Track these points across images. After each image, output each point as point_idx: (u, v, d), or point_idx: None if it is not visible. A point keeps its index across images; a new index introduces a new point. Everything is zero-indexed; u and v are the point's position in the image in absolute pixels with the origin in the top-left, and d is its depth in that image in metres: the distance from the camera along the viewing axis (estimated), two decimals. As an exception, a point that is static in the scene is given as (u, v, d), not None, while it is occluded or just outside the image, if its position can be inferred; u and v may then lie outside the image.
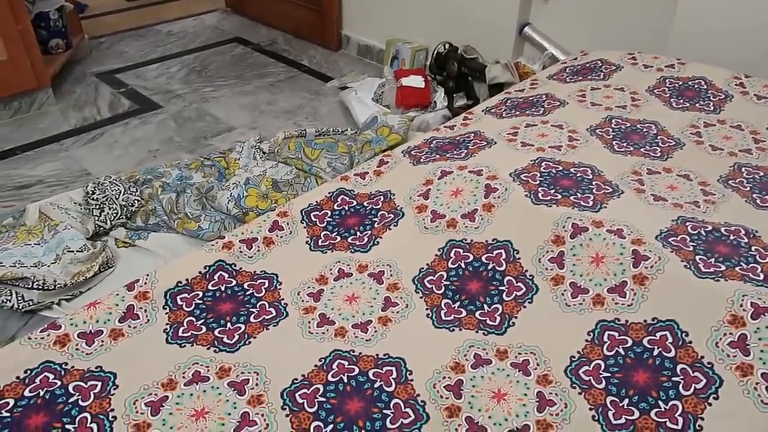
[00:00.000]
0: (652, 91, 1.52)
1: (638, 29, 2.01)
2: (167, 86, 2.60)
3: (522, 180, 1.14)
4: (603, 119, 1.39)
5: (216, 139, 2.22)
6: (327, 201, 1.19)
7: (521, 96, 1.55)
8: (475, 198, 1.11)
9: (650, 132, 1.35)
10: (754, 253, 0.97)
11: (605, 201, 1.09)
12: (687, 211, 1.08)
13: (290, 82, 2.68)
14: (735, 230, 1.03)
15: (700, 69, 1.58)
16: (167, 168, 1.95)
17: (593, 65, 1.67)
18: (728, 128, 1.37)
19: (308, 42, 3.09)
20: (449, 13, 2.50)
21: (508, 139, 1.30)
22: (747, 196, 1.14)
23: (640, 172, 1.20)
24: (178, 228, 1.68)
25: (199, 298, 0.98)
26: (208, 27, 3.28)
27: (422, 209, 1.13)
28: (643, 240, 0.99)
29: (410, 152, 1.31)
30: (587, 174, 1.17)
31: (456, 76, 2.36)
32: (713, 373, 0.83)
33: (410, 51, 2.57)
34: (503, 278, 1.00)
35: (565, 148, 1.27)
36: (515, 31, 2.31)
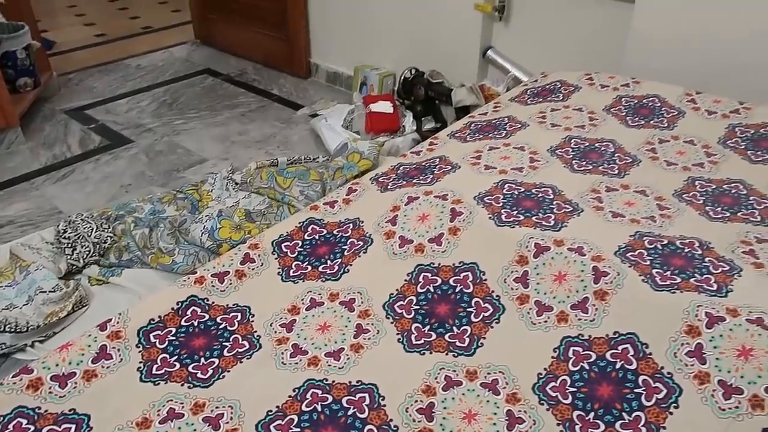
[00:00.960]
0: (609, 110, 1.58)
1: (596, 48, 2.09)
2: (138, 120, 2.61)
3: (485, 203, 1.18)
4: (563, 139, 1.44)
5: (188, 171, 2.24)
6: (297, 231, 1.21)
7: (484, 119, 1.60)
8: (441, 222, 1.15)
9: (608, 150, 1.40)
10: (707, 264, 1.02)
11: (566, 220, 1.13)
12: (644, 226, 1.12)
13: (261, 112, 2.71)
14: (689, 243, 1.07)
15: (654, 87, 1.65)
16: (140, 203, 1.96)
17: (552, 87, 1.72)
18: (681, 143, 1.43)
19: (278, 71, 3.13)
20: (414, 39, 2.56)
21: (472, 162, 1.34)
22: (700, 209, 1.19)
23: (598, 189, 1.24)
24: (151, 263, 1.68)
25: (173, 334, 0.99)
26: (177, 59, 3.31)
27: (390, 235, 1.16)
28: (602, 256, 1.03)
29: (378, 179, 1.34)
30: (548, 194, 1.21)
31: (423, 101, 2.42)
32: (673, 383, 0.87)
33: (378, 77, 2.63)
34: (471, 300, 1.03)
35: (527, 170, 1.31)
36: (479, 55, 2.38)
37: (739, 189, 1.26)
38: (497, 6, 2.25)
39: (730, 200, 1.22)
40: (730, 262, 1.02)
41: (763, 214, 1.18)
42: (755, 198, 1.23)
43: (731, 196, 1.24)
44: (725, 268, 1.01)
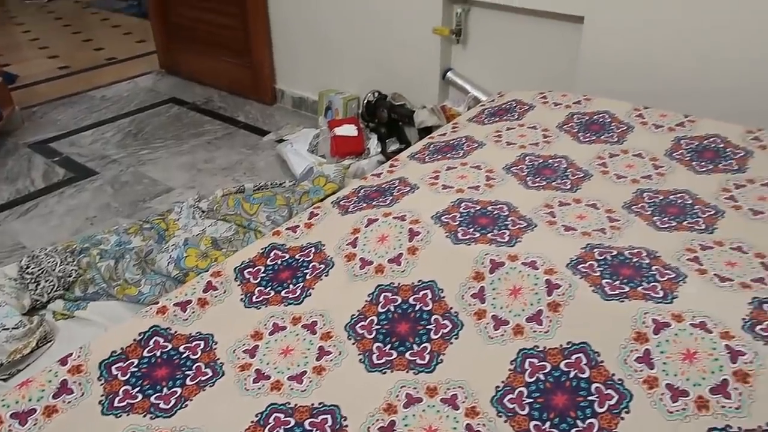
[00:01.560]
0: (561, 127, 1.63)
1: (550, 67, 2.16)
2: (103, 152, 2.61)
3: (443, 222, 1.21)
4: (517, 157, 1.49)
5: (154, 201, 2.24)
6: (260, 257, 1.22)
7: (443, 140, 1.64)
8: (400, 243, 1.17)
9: (561, 166, 1.45)
10: (654, 273, 1.06)
11: (520, 235, 1.17)
12: (594, 239, 1.17)
13: (227, 139, 2.73)
14: (637, 252, 1.12)
15: (604, 104, 1.71)
16: (105, 234, 1.95)
17: (508, 106, 1.78)
18: (630, 157, 1.49)
19: (243, 98, 3.16)
20: (377, 63, 2.61)
21: (430, 183, 1.38)
22: (648, 220, 1.24)
23: (551, 204, 1.29)
24: (117, 295, 1.68)
25: (135, 366, 0.99)
26: (142, 89, 3.31)
27: (351, 257, 1.18)
28: (554, 269, 1.06)
29: (339, 203, 1.37)
30: (503, 211, 1.25)
31: (387, 123, 2.46)
32: (624, 389, 0.90)
33: (342, 101, 2.67)
34: (430, 317, 1.05)
35: (483, 188, 1.35)
36: (439, 77, 2.44)
37: (684, 199, 1.31)
38: (454, 29, 2.32)
39: (676, 210, 1.28)
40: (676, 270, 1.07)
41: (707, 222, 1.23)
42: (700, 207, 1.28)
43: (677, 206, 1.29)
44: (671, 275, 1.05)
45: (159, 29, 3.47)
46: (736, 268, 1.08)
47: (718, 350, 0.90)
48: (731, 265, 1.09)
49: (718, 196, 1.33)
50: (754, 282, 1.04)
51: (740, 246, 1.15)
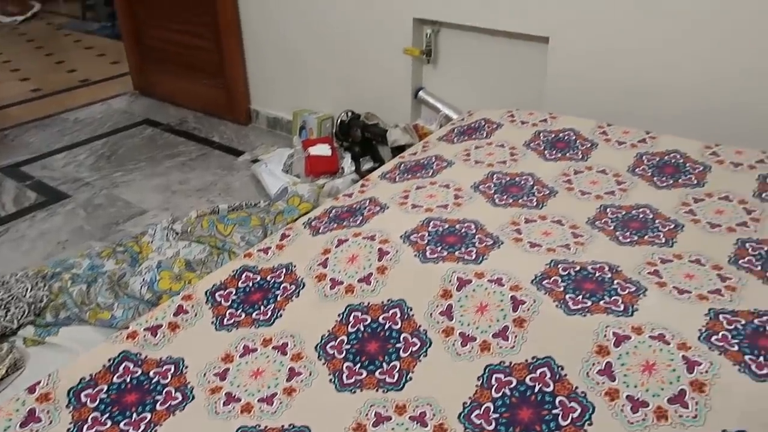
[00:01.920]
0: (528, 145, 1.67)
1: (519, 84, 2.21)
2: (75, 174, 2.59)
3: (411, 241, 1.23)
4: (485, 175, 1.52)
5: (128, 223, 2.23)
6: (231, 279, 1.23)
7: (414, 159, 1.67)
8: (370, 262, 1.19)
9: (527, 183, 1.49)
10: (615, 287, 1.09)
11: (487, 253, 1.19)
12: (559, 254, 1.20)
13: (202, 160, 2.73)
14: (600, 267, 1.15)
15: (569, 121, 1.76)
16: (77, 258, 1.94)
17: (477, 125, 1.82)
18: (595, 173, 1.53)
19: (218, 118, 3.17)
20: (350, 83, 2.65)
21: (400, 202, 1.41)
22: (611, 235, 1.28)
23: (518, 222, 1.32)
24: (90, 319, 1.67)
25: (104, 392, 0.99)
26: (116, 111, 3.30)
27: (322, 278, 1.20)
28: (520, 286, 1.09)
29: (310, 223, 1.38)
30: (471, 229, 1.28)
31: (360, 142, 2.49)
32: (587, 401, 0.92)
33: (316, 121, 2.69)
34: (399, 336, 1.07)
35: (452, 206, 1.38)
36: (410, 96, 2.48)
37: (646, 213, 1.36)
38: (424, 50, 2.36)
39: (638, 225, 1.32)
40: (637, 283, 1.10)
41: (667, 236, 1.27)
42: (660, 221, 1.33)
43: (639, 220, 1.33)
44: (632, 289, 1.09)
45: (132, 51, 3.47)
46: (694, 281, 1.12)
47: (676, 361, 0.93)
48: (689, 278, 1.13)
49: (678, 210, 1.37)
50: (710, 293, 1.08)
51: (698, 258, 1.19)
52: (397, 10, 2.35)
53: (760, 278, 1.13)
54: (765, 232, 1.28)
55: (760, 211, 1.34)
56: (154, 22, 3.25)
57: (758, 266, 1.16)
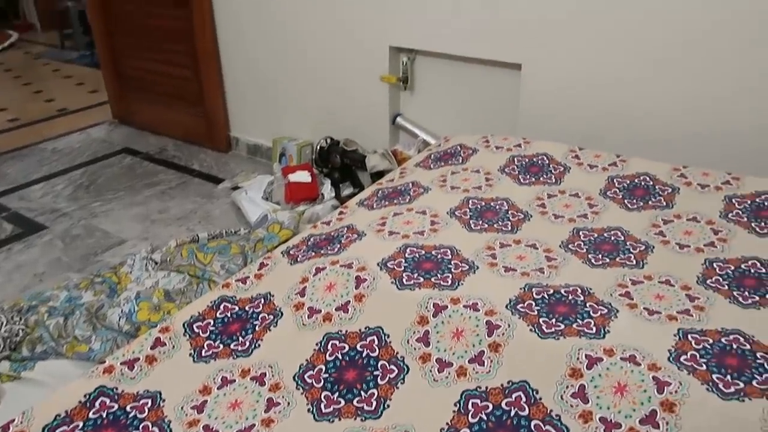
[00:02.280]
0: (503, 170, 1.71)
1: (494, 109, 2.26)
2: (53, 205, 2.58)
3: (388, 268, 1.25)
4: (461, 201, 1.55)
5: (106, 254, 2.22)
6: (209, 310, 1.23)
7: (391, 186, 1.69)
8: (347, 290, 1.20)
9: (502, 208, 1.52)
10: (588, 309, 1.12)
11: (462, 278, 1.21)
12: (533, 278, 1.22)
13: (181, 188, 2.73)
14: (573, 290, 1.17)
15: (543, 146, 1.80)
16: (55, 291, 1.92)
17: (453, 150, 1.85)
18: (568, 197, 1.57)
19: (198, 146, 3.18)
20: (328, 110, 2.68)
21: (377, 229, 1.42)
22: (583, 257, 1.31)
23: (493, 246, 1.34)
24: (67, 353, 1.65)
25: (80, 428, 0.98)
26: (95, 140, 3.30)
27: (300, 307, 1.20)
28: (495, 310, 1.11)
29: (289, 252, 1.39)
30: (447, 255, 1.30)
31: (340, 168, 2.52)
32: (561, 424, 0.94)
33: (296, 147, 2.72)
34: (377, 363, 1.08)
35: (428, 233, 1.40)
36: (389, 122, 2.52)
37: (617, 236, 1.39)
38: (401, 77, 2.41)
39: (609, 247, 1.35)
40: (608, 305, 1.13)
41: (638, 257, 1.30)
42: (631, 243, 1.36)
43: (611, 242, 1.36)
44: (603, 311, 1.11)
45: (111, 79, 3.48)
46: (664, 301, 1.15)
47: (647, 382, 0.95)
48: (659, 298, 1.16)
49: (648, 231, 1.41)
50: (679, 314, 1.11)
51: (668, 279, 1.22)
52: (373, 38, 2.39)
53: (727, 297, 1.16)
54: (732, 251, 1.31)
55: (727, 231, 1.38)
56: (132, 51, 3.27)
57: (725, 285, 1.19)
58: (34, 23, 6.18)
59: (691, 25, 1.75)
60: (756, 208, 1.45)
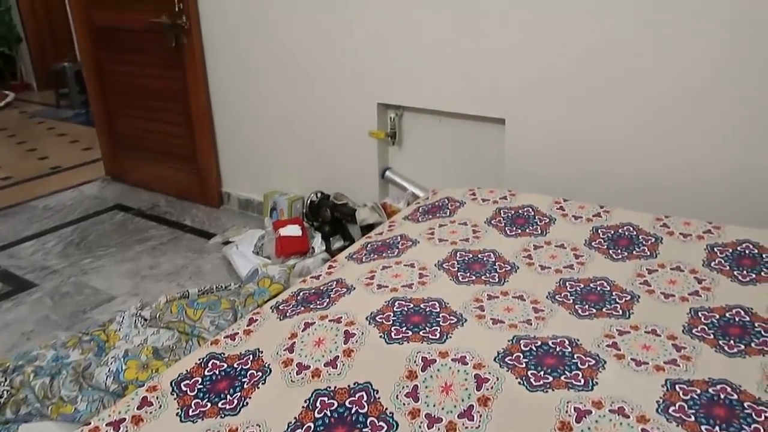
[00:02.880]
0: (489, 222, 1.74)
1: (481, 162, 2.31)
2: (43, 263, 2.57)
3: (377, 322, 1.25)
4: (449, 253, 1.57)
5: (95, 311, 2.20)
6: (197, 368, 1.22)
7: (380, 239, 1.71)
8: (336, 345, 1.20)
9: (489, 260, 1.53)
10: (576, 361, 1.12)
11: (450, 331, 1.22)
12: (521, 330, 1.23)
13: (173, 244, 2.74)
14: (560, 342, 1.18)
15: (528, 198, 1.84)
16: (42, 350, 1.90)
17: (441, 203, 1.88)
18: (554, 248, 1.59)
19: (190, 202, 3.21)
20: (319, 165, 2.73)
21: (366, 283, 1.43)
22: (570, 308, 1.32)
23: (481, 298, 1.35)
24: (52, 414, 1.62)
25: (63, 493, 0.96)
26: (87, 197, 3.32)
27: (288, 363, 1.20)
28: (483, 363, 1.11)
29: (278, 307, 1.40)
30: (435, 308, 1.31)
31: (330, 221, 2.54)
32: (552, 480, 0.93)
33: (287, 201, 2.75)
34: (366, 420, 1.07)
35: (416, 285, 1.41)
36: (378, 176, 2.56)
37: (603, 286, 1.41)
38: (389, 132, 2.47)
39: (595, 297, 1.36)
40: (596, 356, 1.13)
41: (624, 307, 1.32)
42: (617, 293, 1.37)
43: (597, 293, 1.38)
44: (591, 362, 1.12)
45: (105, 137, 3.53)
46: (651, 351, 1.15)
47: (636, 434, 0.94)
48: (647, 349, 1.16)
49: (633, 281, 1.43)
50: (666, 364, 1.11)
51: (654, 329, 1.23)
52: (361, 95, 2.46)
53: (713, 346, 1.17)
54: (716, 300, 1.33)
55: (710, 280, 1.40)
56: (126, 110, 3.33)
57: (711, 335, 1.21)
58: (31, 83, 6.31)
59: (671, 84, 1.82)
60: (738, 257, 1.47)
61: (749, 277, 1.40)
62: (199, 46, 2.85)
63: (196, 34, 2.83)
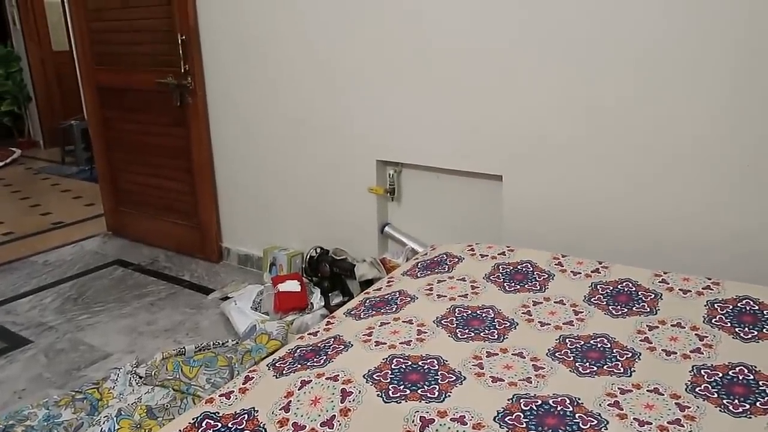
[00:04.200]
0: (488, 278, 1.73)
1: (480, 218, 2.33)
2: (40, 319, 2.55)
3: (374, 380, 1.23)
4: (447, 309, 1.56)
5: (90, 368, 2.17)
6: (190, 428, 1.20)
7: (378, 295, 1.70)
8: (332, 404, 1.18)
9: (488, 316, 1.52)
10: (577, 420, 1.10)
11: (449, 390, 1.20)
12: (521, 389, 1.21)
13: (171, 299, 2.72)
14: (561, 401, 1.16)
15: (527, 253, 1.84)
16: (33, 409, 1.86)
17: (440, 259, 1.89)
18: (553, 304, 1.58)
19: (190, 257, 3.21)
20: (318, 220, 2.75)
21: (364, 339, 1.42)
22: (571, 366, 1.30)
23: (480, 356, 1.34)
24: (40, 477, 1.57)
25: None
26: (87, 252, 3.33)
27: (284, 423, 1.17)
28: (482, 423, 1.09)
29: (275, 365, 1.38)
30: (434, 365, 1.29)
31: (330, 277, 2.53)
32: None
33: (286, 257, 2.75)
34: (363, 483, 1.04)
35: (415, 342, 1.40)
36: (377, 231, 2.57)
37: (603, 343, 1.39)
38: (388, 188, 2.50)
39: (596, 355, 1.34)
40: (598, 416, 1.11)
41: (625, 365, 1.30)
42: (618, 350, 1.36)
43: (597, 350, 1.36)
44: (593, 422, 1.09)
45: (108, 193, 3.57)
46: (654, 411, 1.13)
47: (641, 499, 0.91)
48: (649, 408, 1.14)
49: (634, 338, 1.41)
50: (670, 424, 1.09)
51: (657, 387, 1.21)
52: (361, 152, 2.51)
53: (717, 405, 1.15)
54: (718, 357, 1.31)
55: (712, 337, 1.38)
56: (129, 166, 3.39)
57: (714, 393, 1.18)
58: (38, 140, 6.43)
59: (671, 141, 1.86)
60: (738, 313, 1.46)
61: (751, 335, 1.38)
62: (203, 105, 2.93)
63: (201, 93, 2.90)
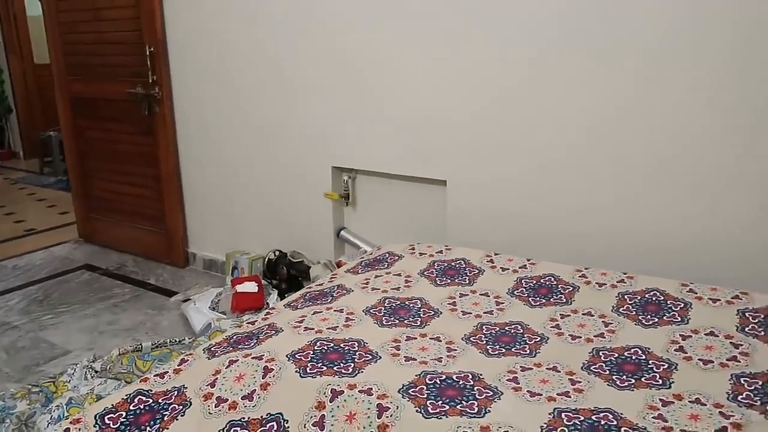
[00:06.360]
0: (422, 273, 1.84)
1: (426, 221, 2.44)
2: (4, 318, 2.62)
3: (296, 359, 1.33)
4: (378, 300, 1.66)
5: (48, 365, 2.24)
6: (123, 403, 1.28)
7: (318, 289, 1.81)
8: (255, 380, 1.28)
9: (415, 306, 1.63)
10: (475, 393, 1.20)
11: (363, 367, 1.29)
12: (430, 366, 1.31)
13: (134, 301, 2.80)
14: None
15: (462, 252, 1.95)
16: (-12, 401, 1.93)
17: (382, 257, 2.00)
18: (479, 296, 1.69)
19: (157, 262, 3.29)
20: (278, 225, 2.85)
21: (294, 326, 1.52)
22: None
23: (399, 339, 1.44)
24: (-10, 461, 1.64)
25: None
26: (56, 258, 3.40)
27: (209, 397, 1.27)
28: (387, 394, 1.18)
29: (210, 348, 1.47)
30: (354, 347, 1.39)
31: (287, 278, 2.63)
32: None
33: (248, 260, 2.84)
34: (274, 447, 1.13)
35: (341, 328, 1.50)
36: (333, 235, 2.68)
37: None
38: (343, 194, 2.61)
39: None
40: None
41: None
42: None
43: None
44: (489, 393, 1.19)
45: (79, 200, 3.65)
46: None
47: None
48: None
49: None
50: (559, 395, 1.19)
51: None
52: (317, 159, 2.62)
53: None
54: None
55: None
56: (101, 173, 3.48)
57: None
58: (18, 151, 6.49)
59: (602, 141, 1.99)
60: (644, 303, 1.58)
61: (652, 321, 1.50)
62: (170, 114, 3.03)
63: (168, 103, 3.01)
